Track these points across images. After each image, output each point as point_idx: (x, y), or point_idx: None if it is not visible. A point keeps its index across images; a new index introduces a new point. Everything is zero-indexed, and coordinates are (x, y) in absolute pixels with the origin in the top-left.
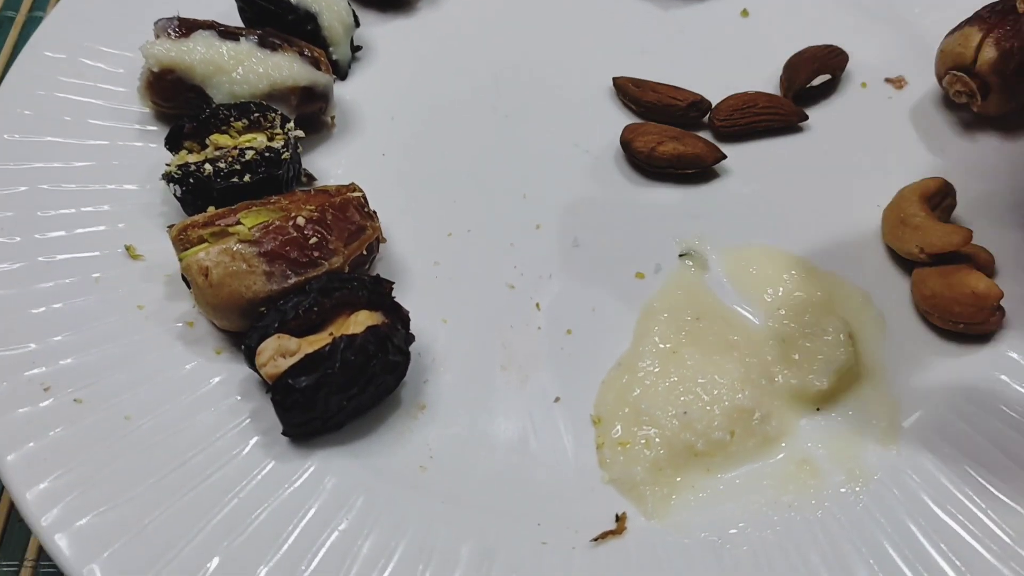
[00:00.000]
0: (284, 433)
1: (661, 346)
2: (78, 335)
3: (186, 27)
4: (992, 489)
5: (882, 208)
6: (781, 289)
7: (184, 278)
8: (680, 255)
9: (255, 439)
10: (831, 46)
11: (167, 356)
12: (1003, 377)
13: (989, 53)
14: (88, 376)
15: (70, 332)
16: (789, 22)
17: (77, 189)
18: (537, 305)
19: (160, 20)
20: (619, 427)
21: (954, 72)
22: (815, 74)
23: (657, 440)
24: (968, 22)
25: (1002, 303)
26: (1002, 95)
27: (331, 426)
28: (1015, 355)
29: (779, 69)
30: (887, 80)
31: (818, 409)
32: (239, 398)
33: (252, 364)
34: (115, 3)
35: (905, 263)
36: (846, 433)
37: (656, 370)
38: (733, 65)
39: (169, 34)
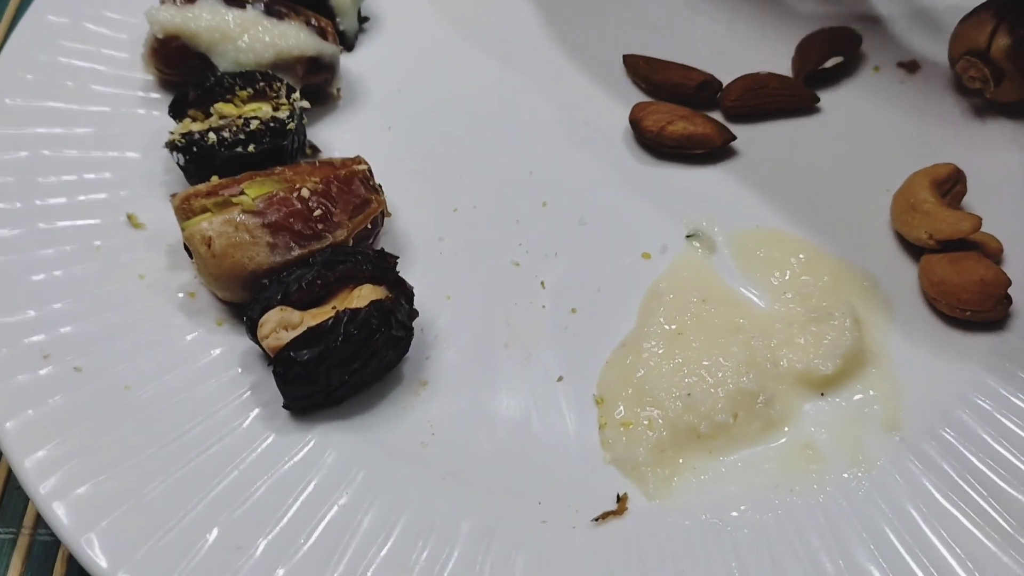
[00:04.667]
0: (285, 406)
1: (666, 327)
2: (78, 303)
3: None
4: (994, 477)
5: (892, 193)
6: (788, 273)
7: (186, 248)
8: (687, 236)
9: (256, 411)
10: (844, 27)
11: (168, 326)
12: (1008, 365)
13: (1003, 39)
14: (88, 345)
15: (70, 300)
16: (803, 1)
17: (79, 156)
18: (542, 283)
19: None
20: (622, 407)
21: (968, 57)
22: (827, 56)
23: (660, 421)
24: (983, 7)
25: (1010, 291)
26: (1015, 82)
27: (332, 400)
28: (1022, 343)
29: (791, 50)
30: (900, 64)
31: (822, 394)
32: (240, 370)
33: (254, 336)
34: None
35: (913, 249)
36: (850, 418)
37: (660, 351)
38: (744, 44)
39: (175, 0)
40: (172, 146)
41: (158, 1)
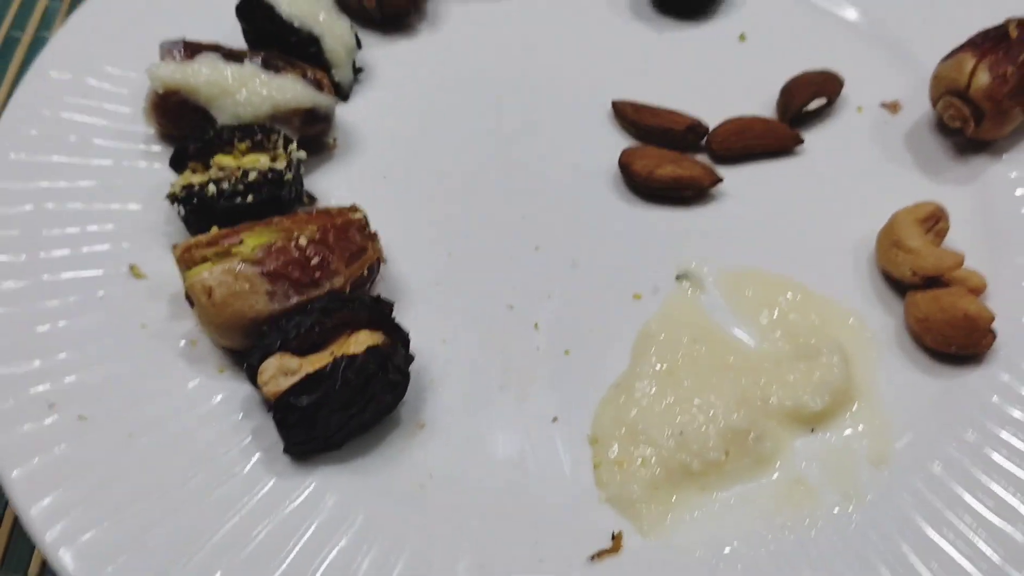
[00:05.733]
0: (285, 451)
1: (658, 367)
2: (82, 353)
3: (191, 49)
4: (982, 510)
5: (876, 231)
6: (776, 311)
7: (188, 297)
8: (677, 277)
9: (256, 456)
10: (827, 71)
11: (170, 374)
12: (995, 399)
13: (982, 79)
14: (92, 393)
15: (74, 350)
16: (786, 47)
17: (82, 208)
18: (536, 325)
19: (165, 42)
20: (616, 447)
21: (948, 97)
22: (811, 98)
23: (653, 460)
24: (962, 48)
25: (993, 326)
26: (995, 121)
27: (332, 444)
28: (1007, 377)
29: (776, 93)
30: (883, 105)
31: (812, 430)
32: (241, 416)
33: (254, 383)
34: (120, 25)
35: (899, 286)
36: (840, 454)
37: (653, 391)
38: (730, 89)
39: (174, 56)
40: (173, 198)
41: (159, 57)
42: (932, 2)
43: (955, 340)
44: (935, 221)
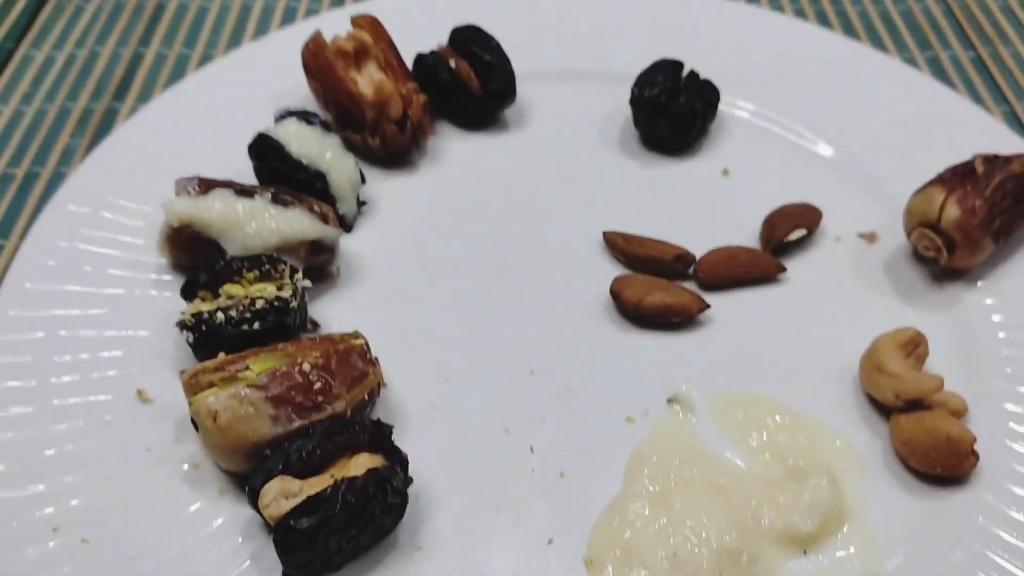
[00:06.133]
0: (284, 574)
1: (651, 489)
2: (87, 476)
3: (205, 185)
4: None
5: (859, 355)
6: (765, 434)
7: (193, 421)
8: (668, 400)
9: None
10: (806, 204)
11: (172, 497)
12: (981, 519)
13: (952, 211)
14: (96, 517)
15: (80, 473)
16: (767, 181)
17: (93, 335)
18: (531, 448)
19: (181, 179)
20: (611, 569)
21: (921, 229)
22: (792, 229)
23: None
24: (932, 183)
25: (976, 447)
26: (967, 251)
27: (330, 567)
28: (991, 498)
29: (758, 224)
30: (860, 235)
31: (804, 552)
32: (240, 540)
33: (255, 506)
34: (137, 162)
35: (883, 409)
36: (832, 575)
37: (646, 512)
38: (715, 220)
39: (189, 192)
40: (183, 325)
41: (174, 192)
42: (902, 139)
43: (939, 462)
44: (915, 346)
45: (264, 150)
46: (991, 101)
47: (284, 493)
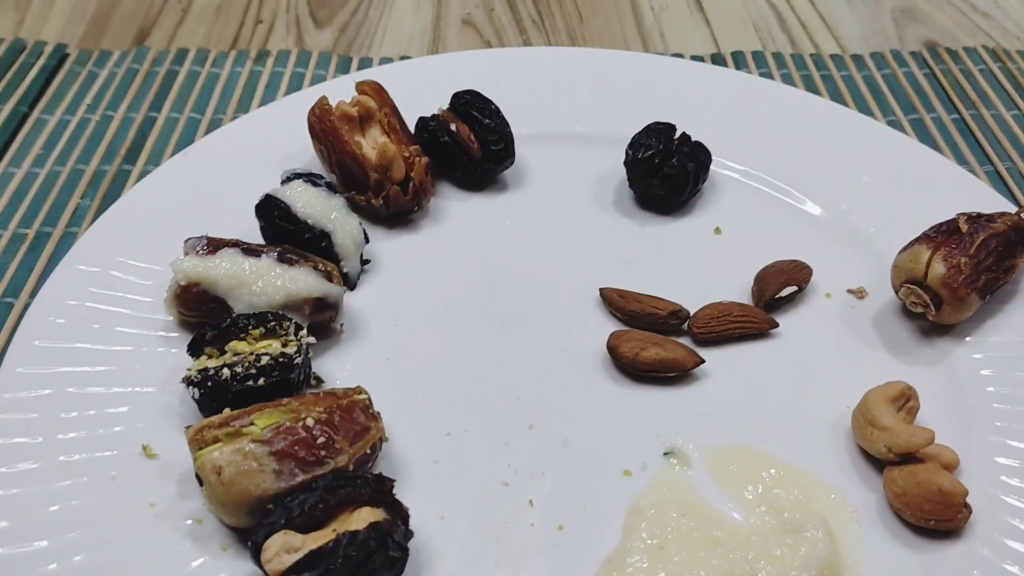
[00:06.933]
0: None
1: (648, 542)
2: (91, 532)
3: (213, 245)
4: None
5: (851, 408)
6: (760, 487)
7: (197, 476)
8: (665, 453)
9: None
10: (796, 261)
11: (175, 553)
12: (975, 573)
13: (938, 268)
14: (99, 573)
15: (83, 529)
16: (758, 239)
17: (101, 392)
18: (530, 502)
19: (190, 239)
20: None
21: (908, 285)
22: (783, 286)
23: None
24: (918, 240)
25: (968, 500)
26: (953, 306)
27: None
28: (986, 551)
29: (750, 281)
30: (849, 291)
31: None
32: None
33: (257, 561)
34: (146, 223)
35: (877, 462)
36: None
37: (644, 566)
38: (708, 277)
39: (197, 251)
40: (188, 381)
41: (183, 252)
42: (888, 198)
43: (932, 514)
44: (905, 400)
45: (270, 210)
46: (974, 161)
47: (286, 548)
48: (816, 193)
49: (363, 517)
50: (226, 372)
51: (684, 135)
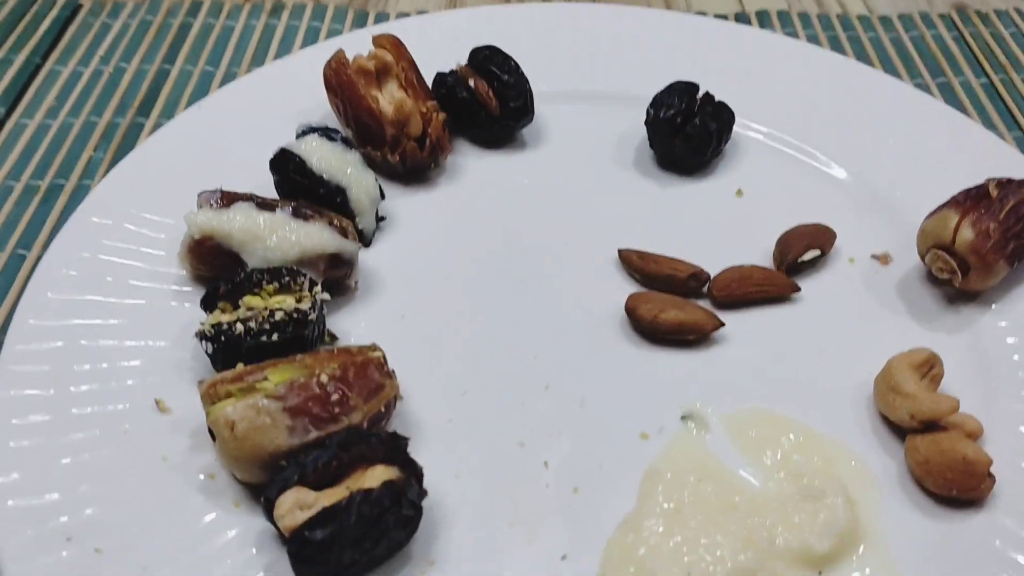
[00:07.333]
0: None
1: (665, 506)
2: (103, 485)
3: (227, 199)
4: None
5: (873, 375)
6: (780, 452)
7: (210, 431)
8: (682, 417)
9: None
10: (820, 224)
11: (187, 508)
12: (997, 543)
13: (966, 234)
14: (109, 526)
15: (95, 482)
16: (780, 202)
17: (113, 345)
18: (545, 463)
19: (204, 192)
20: None
21: (935, 251)
22: (806, 249)
23: None
24: (946, 205)
25: (992, 470)
26: (981, 273)
27: None
28: (1009, 521)
29: (772, 244)
30: (873, 256)
31: (820, 572)
32: (255, 551)
33: (270, 516)
34: (160, 175)
35: (899, 429)
36: None
37: (660, 530)
38: (729, 239)
39: (211, 204)
40: (202, 336)
41: (196, 205)
42: (915, 162)
43: (955, 484)
44: (930, 367)
45: (285, 165)
46: (1003, 126)
47: (299, 504)
48: (841, 156)
49: (377, 475)
50: (240, 327)
51: (707, 95)
